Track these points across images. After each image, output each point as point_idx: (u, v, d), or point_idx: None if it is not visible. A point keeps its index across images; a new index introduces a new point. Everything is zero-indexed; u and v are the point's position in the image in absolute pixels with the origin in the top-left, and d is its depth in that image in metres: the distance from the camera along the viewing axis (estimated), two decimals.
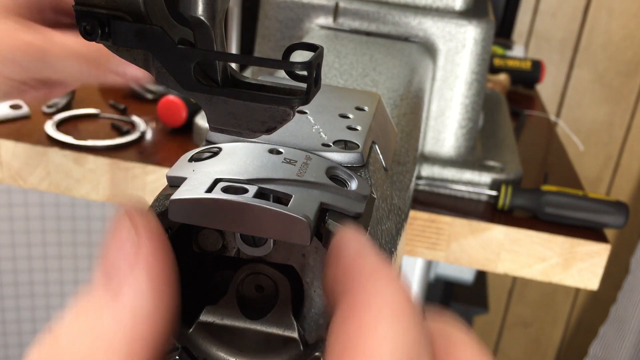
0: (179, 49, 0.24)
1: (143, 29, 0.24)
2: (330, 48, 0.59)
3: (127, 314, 0.18)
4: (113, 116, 0.84)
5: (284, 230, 0.22)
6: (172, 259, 0.20)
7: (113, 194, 0.73)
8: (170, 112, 0.79)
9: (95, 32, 0.24)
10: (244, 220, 0.23)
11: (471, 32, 0.69)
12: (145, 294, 0.18)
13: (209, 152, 0.27)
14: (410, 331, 0.17)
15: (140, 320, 0.18)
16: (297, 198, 0.23)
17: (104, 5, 0.24)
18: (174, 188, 0.24)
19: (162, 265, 0.19)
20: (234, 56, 0.26)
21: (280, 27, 0.72)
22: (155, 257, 0.19)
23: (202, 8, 0.24)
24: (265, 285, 0.28)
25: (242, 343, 0.28)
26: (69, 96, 0.84)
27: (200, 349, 0.28)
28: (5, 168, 0.74)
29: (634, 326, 1.53)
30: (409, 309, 0.17)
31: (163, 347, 0.19)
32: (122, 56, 0.25)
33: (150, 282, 0.18)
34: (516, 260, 0.69)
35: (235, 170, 0.25)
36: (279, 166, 0.26)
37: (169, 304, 0.19)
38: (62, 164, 0.73)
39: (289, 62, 0.24)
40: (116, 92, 0.92)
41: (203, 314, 0.28)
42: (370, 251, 0.19)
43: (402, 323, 0.17)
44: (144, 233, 0.19)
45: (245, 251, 0.26)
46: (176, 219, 0.23)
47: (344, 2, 0.70)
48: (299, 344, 0.27)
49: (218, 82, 0.26)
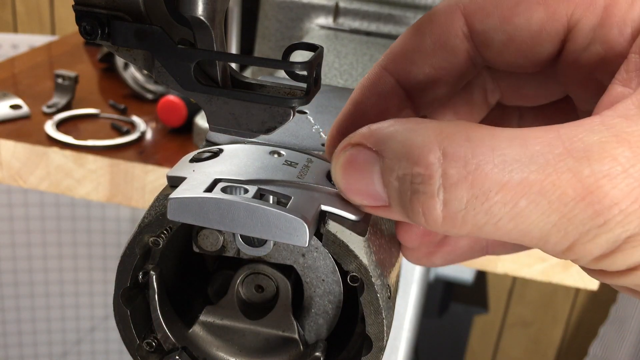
0: (179, 49, 0.24)
1: (143, 29, 0.24)
2: (330, 48, 0.59)
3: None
4: (113, 116, 0.84)
5: (282, 231, 0.22)
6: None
7: (113, 194, 0.73)
8: (170, 112, 0.79)
9: (95, 32, 0.24)
10: (242, 220, 0.23)
11: None
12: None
13: (210, 152, 0.27)
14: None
15: None
16: (297, 200, 0.23)
17: (104, 5, 0.24)
18: (174, 188, 0.24)
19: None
20: (234, 56, 0.26)
21: (280, 27, 0.72)
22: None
23: (202, 8, 0.24)
24: (265, 286, 0.28)
25: (242, 343, 0.28)
26: (69, 96, 0.84)
27: (200, 349, 0.28)
28: (5, 168, 0.74)
29: (634, 326, 1.53)
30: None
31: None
32: (122, 56, 0.25)
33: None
34: (516, 260, 0.69)
35: (235, 171, 0.25)
36: (279, 168, 0.26)
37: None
38: (62, 164, 0.73)
39: (289, 62, 0.24)
40: (116, 92, 0.92)
41: (203, 314, 0.28)
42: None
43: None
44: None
45: (245, 251, 0.26)
46: (175, 218, 0.23)
47: (344, 2, 0.70)
48: (299, 344, 0.27)
49: (218, 82, 0.26)
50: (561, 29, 0.25)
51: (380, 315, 0.24)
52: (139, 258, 0.25)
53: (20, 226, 1.52)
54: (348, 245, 0.23)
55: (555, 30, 0.25)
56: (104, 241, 1.57)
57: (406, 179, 0.20)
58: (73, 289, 1.61)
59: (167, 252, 0.27)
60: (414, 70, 0.26)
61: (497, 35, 0.25)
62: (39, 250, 1.56)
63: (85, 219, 1.54)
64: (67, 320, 1.64)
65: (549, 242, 0.20)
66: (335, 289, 0.27)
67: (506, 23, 0.25)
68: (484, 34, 0.26)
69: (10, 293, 1.58)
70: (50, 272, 1.59)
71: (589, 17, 0.24)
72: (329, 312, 0.28)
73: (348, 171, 0.22)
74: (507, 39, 0.25)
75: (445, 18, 0.26)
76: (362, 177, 0.22)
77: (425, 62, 0.26)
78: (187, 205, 0.23)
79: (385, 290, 0.25)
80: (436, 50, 0.26)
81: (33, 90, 0.89)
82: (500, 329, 1.89)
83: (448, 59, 0.26)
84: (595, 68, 0.25)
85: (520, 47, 0.25)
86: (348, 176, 0.22)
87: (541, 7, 0.24)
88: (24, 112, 0.80)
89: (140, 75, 0.90)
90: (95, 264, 1.59)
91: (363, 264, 0.24)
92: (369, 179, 0.22)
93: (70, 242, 1.56)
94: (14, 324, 1.62)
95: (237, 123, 0.25)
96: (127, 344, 0.27)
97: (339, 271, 0.27)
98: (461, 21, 0.26)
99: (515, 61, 0.26)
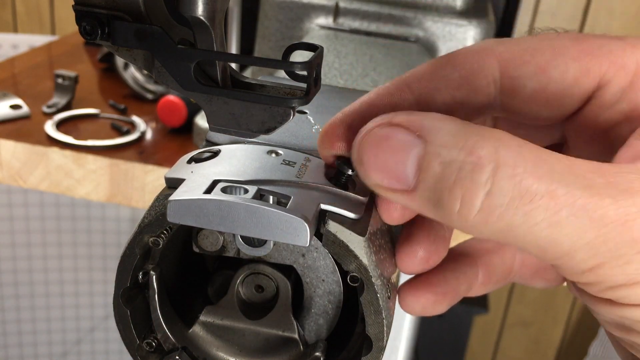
0: (179, 49, 0.24)
1: (143, 29, 0.24)
2: (330, 48, 0.59)
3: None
4: (113, 116, 0.84)
5: (283, 231, 0.22)
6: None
7: (113, 194, 0.73)
8: (170, 112, 0.79)
9: (95, 32, 0.24)
10: (243, 221, 0.23)
11: (471, 32, 0.69)
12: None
13: (208, 153, 0.27)
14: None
15: None
16: (296, 199, 0.23)
17: (104, 5, 0.24)
18: (173, 189, 0.24)
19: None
20: (234, 56, 0.26)
21: (280, 27, 0.72)
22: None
23: (202, 8, 0.24)
24: (265, 286, 0.28)
25: (242, 343, 0.28)
26: (69, 96, 0.84)
27: (200, 349, 0.28)
28: (5, 168, 0.74)
29: None
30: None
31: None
32: (122, 56, 0.25)
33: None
34: None
35: (234, 171, 0.25)
36: (278, 168, 0.26)
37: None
38: (62, 164, 0.73)
39: (289, 62, 0.24)
40: (116, 92, 0.92)
41: (203, 314, 0.28)
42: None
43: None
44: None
45: (245, 251, 0.26)
46: (175, 220, 0.23)
47: (344, 2, 0.70)
48: (299, 344, 0.27)
49: (218, 82, 0.26)
50: (591, 87, 0.26)
51: (380, 315, 0.24)
52: (139, 258, 0.25)
53: (20, 226, 1.52)
54: (348, 246, 0.23)
55: (586, 87, 0.26)
56: (104, 241, 1.57)
57: (453, 165, 0.21)
58: (73, 289, 1.61)
59: (167, 252, 0.27)
60: (436, 95, 0.27)
61: (530, 84, 0.26)
62: (39, 250, 1.55)
63: (85, 219, 1.54)
64: (67, 320, 1.64)
65: (574, 258, 0.21)
66: (335, 289, 0.27)
67: (541, 73, 0.26)
68: (517, 81, 0.26)
69: (10, 293, 1.58)
70: (50, 272, 1.59)
71: (620, 78, 0.25)
72: (329, 312, 0.28)
73: (379, 147, 0.22)
74: (539, 88, 0.26)
75: (479, 58, 0.27)
76: (393, 156, 0.22)
77: (448, 92, 0.27)
78: (187, 207, 0.23)
79: (385, 290, 0.25)
80: (462, 85, 0.27)
81: (33, 90, 0.89)
82: (500, 329, 1.89)
83: (470, 95, 0.27)
84: (615, 125, 0.26)
85: (549, 98, 0.26)
86: (378, 151, 0.22)
87: (577, 63, 0.26)
88: (24, 112, 0.80)
89: (140, 75, 0.90)
90: (95, 264, 1.59)
91: (363, 264, 0.24)
92: (402, 159, 0.22)
93: (70, 242, 1.56)
94: (14, 324, 1.62)
95: (237, 123, 0.26)
96: (127, 344, 0.27)
97: (339, 271, 0.27)
98: (494, 66, 0.27)
99: (539, 111, 0.27)
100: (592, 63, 0.25)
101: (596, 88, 0.26)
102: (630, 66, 0.25)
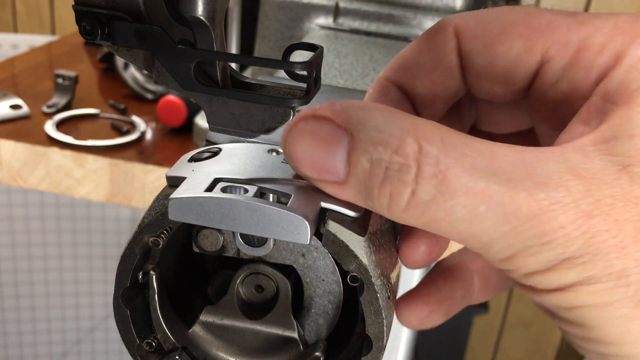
0: (179, 49, 0.24)
1: (143, 29, 0.24)
2: (330, 48, 0.59)
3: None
4: (113, 116, 0.84)
5: (284, 229, 0.22)
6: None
7: (113, 194, 0.73)
8: (170, 112, 0.79)
9: (95, 32, 0.24)
10: (244, 219, 0.23)
11: None
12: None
13: (209, 152, 0.27)
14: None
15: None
16: (297, 198, 0.23)
17: (104, 5, 0.24)
18: (174, 188, 0.24)
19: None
20: (234, 56, 0.26)
21: (280, 27, 0.72)
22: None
23: (202, 8, 0.24)
24: (265, 285, 0.28)
25: (242, 343, 0.28)
26: (69, 96, 0.84)
27: (200, 349, 0.28)
28: (5, 168, 0.74)
29: None
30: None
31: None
32: (122, 56, 0.25)
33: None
34: None
35: (234, 170, 0.25)
36: (278, 166, 0.26)
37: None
38: (62, 164, 0.73)
39: (289, 62, 0.24)
40: (116, 92, 0.92)
41: (203, 314, 0.28)
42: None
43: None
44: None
45: (245, 251, 0.26)
46: (176, 218, 0.23)
47: (344, 2, 0.70)
48: (299, 344, 0.27)
49: (218, 82, 0.26)
50: (535, 63, 0.26)
51: (380, 315, 0.24)
52: (139, 258, 0.25)
53: (20, 226, 1.52)
54: (348, 245, 0.23)
55: (530, 64, 0.26)
56: (104, 241, 1.57)
57: (381, 163, 0.21)
58: (73, 289, 1.61)
59: (167, 252, 0.27)
60: (417, 83, 0.28)
61: (478, 59, 0.27)
62: (39, 250, 1.55)
63: (85, 219, 1.54)
64: (67, 320, 1.64)
65: (492, 249, 0.22)
66: (335, 289, 0.27)
67: (488, 48, 0.26)
68: (468, 56, 0.27)
69: (10, 293, 1.58)
70: (50, 272, 1.59)
71: (561, 56, 0.25)
72: (329, 312, 0.28)
73: (307, 142, 0.22)
74: (486, 64, 0.26)
75: (441, 35, 0.27)
76: (321, 151, 0.22)
77: (426, 77, 0.27)
78: (188, 205, 0.23)
79: (385, 290, 0.25)
80: (435, 65, 0.27)
81: (33, 90, 0.89)
82: (500, 329, 1.89)
83: (445, 74, 0.27)
84: (560, 105, 0.26)
85: (496, 75, 0.27)
86: (306, 147, 0.22)
87: (521, 40, 0.26)
88: (24, 112, 0.80)
89: (140, 75, 0.90)
90: (95, 264, 1.59)
91: (363, 264, 0.24)
92: (330, 153, 0.22)
93: (70, 242, 1.56)
94: (14, 324, 1.62)
95: (237, 123, 0.26)
96: (127, 344, 0.27)
97: (339, 271, 0.27)
98: (454, 40, 0.27)
99: (491, 88, 0.27)
100: (537, 40, 0.25)
101: (540, 65, 0.26)
102: (573, 44, 0.25)
